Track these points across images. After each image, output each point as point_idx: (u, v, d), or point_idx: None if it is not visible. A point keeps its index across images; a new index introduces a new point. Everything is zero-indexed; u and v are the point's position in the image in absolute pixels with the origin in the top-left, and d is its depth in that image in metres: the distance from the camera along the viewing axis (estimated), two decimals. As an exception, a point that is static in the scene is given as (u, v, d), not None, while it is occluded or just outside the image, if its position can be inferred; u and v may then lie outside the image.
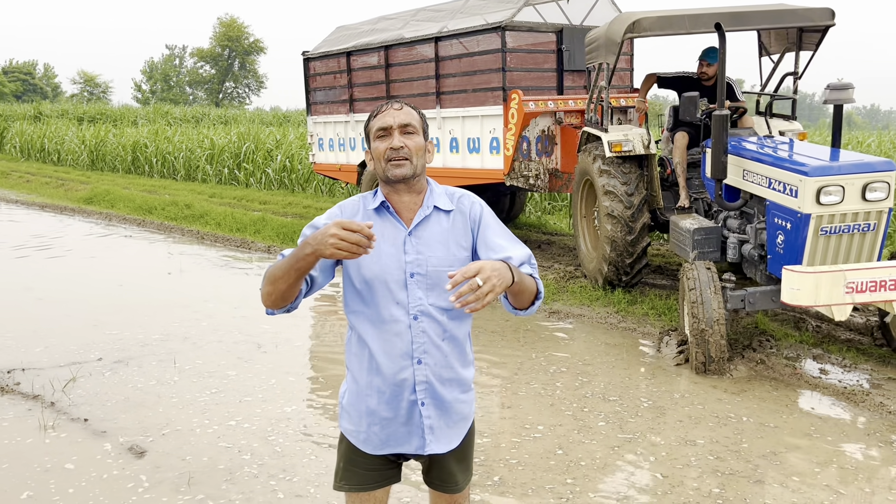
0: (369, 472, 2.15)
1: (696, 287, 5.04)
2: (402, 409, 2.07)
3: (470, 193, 2.17)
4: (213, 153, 17.88)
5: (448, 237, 2.07)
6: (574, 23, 8.73)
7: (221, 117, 34.36)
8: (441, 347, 2.07)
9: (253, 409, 4.55)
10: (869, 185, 4.69)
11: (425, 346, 2.04)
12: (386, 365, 2.05)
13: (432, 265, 2.04)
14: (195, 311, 6.81)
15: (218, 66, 66.16)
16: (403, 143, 2.02)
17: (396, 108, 2.06)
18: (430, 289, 2.05)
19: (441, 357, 2.07)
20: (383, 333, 2.05)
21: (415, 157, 2.03)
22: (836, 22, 5.98)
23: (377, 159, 2.05)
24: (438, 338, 2.06)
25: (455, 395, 2.12)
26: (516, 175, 8.20)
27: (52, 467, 3.82)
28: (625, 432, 4.17)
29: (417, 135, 2.05)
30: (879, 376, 4.94)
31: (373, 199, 2.10)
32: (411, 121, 2.05)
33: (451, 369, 2.10)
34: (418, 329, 2.04)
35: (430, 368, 2.06)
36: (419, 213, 2.07)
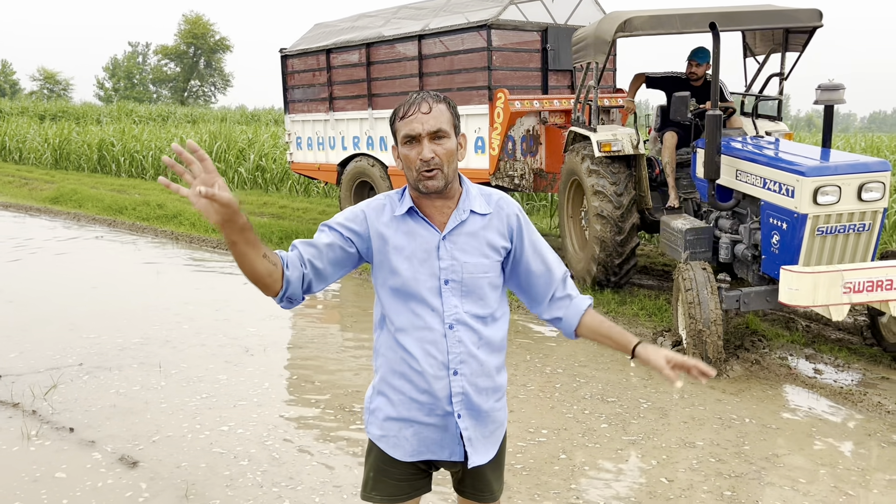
0: (401, 482, 2.05)
1: (692, 287, 5.02)
2: (436, 418, 1.98)
3: (507, 197, 2.06)
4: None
5: (483, 242, 1.98)
6: (558, 22, 8.70)
7: (188, 116, 33.81)
8: (477, 356, 1.98)
9: (248, 414, 4.40)
10: (865, 185, 4.71)
11: (462, 356, 1.95)
12: (420, 373, 1.95)
13: (468, 272, 1.95)
14: (175, 314, 6.61)
15: (183, 63, 65.11)
16: (434, 152, 1.86)
17: (424, 111, 1.87)
18: (466, 296, 1.95)
19: (478, 366, 1.98)
20: (417, 341, 1.94)
21: (446, 165, 1.88)
22: (823, 23, 6.03)
23: (407, 167, 1.91)
24: (475, 346, 1.97)
25: (491, 404, 2.03)
26: (502, 175, 8.13)
27: (41, 476, 3.64)
28: (629, 434, 4.12)
29: (449, 138, 1.89)
30: (873, 375, 4.97)
31: (399, 202, 1.97)
32: (441, 125, 1.87)
33: (488, 378, 2.01)
34: (454, 338, 1.94)
35: (467, 378, 1.96)
36: (454, 217, 1.95)
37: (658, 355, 1.91)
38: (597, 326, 2.04)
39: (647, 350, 1.94)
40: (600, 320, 2.05)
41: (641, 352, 1.95)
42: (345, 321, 6.51)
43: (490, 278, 1.99)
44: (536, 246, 2.05)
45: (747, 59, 7.06)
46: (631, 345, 1.98)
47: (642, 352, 1.94)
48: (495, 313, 2.02)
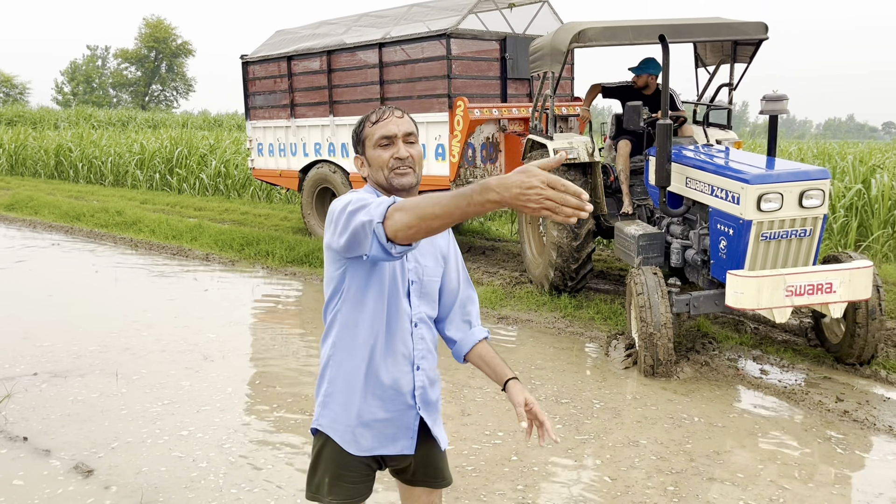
0: (357, 484, 2.10)
1: (643, 292, 5.17)
2: (396, 413, 2.08)
3: None
4: (144, 158, 17.33)
5: (436, 249, 2.16)
6: (517, 31, 8.85)
7: (149, 121, 33.35)
8: (432, 352, 2.16)
9: (211, 419, 4.42)
10: (805, 192, 4.91)
11: (423, 353, 2.10)
12: (386, 369, 2.04)
13: (427, 275, 2.11)
14: (134, 322, 6.58)
15: (144, 67, 64.20)
16: (409, 152, 2.02)
17: (398, 115, 2.04)
18: (422, 297, 2.11)
19: (432, 360, 2.16)
20: (385, 339, 2.03)
21: (417, 166, 2.05)
22: (769, 36, 6.25)
23: (379, 167, 2.02)
24: (431, 343, 2.15)
25: (437, 395, 2.19)
26: (462, 181, 8.24)
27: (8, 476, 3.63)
28: (581, 434, 4.24)
29: (417, 144, 2.08)
30: (815, 375, 5.17)
31: None
32: (413, 129, 2.06)
33: (435, 371, 2.19)
34: (418, 336, 2.09)
35: (426, 373, 2.12)
36: None
37: (519, 396, 2.06)
38: (484, 355, 2.20)
39: (514, 388, 2.10)
40: (490, 352, 2.21)
41: (510, 387, 2.11)
42: (305, 327, 6.55)
43: (439, 283, 2.17)
44: (459, 261, 2.24)
45: (698, 69, 7.28)
46: (505, 378, 2.13)
47: (510, 387, 2.11)
48: (435, 316, 2.20)
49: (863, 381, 5.04)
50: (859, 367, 5.23)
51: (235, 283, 8.21)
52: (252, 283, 8.15)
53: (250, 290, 7.84)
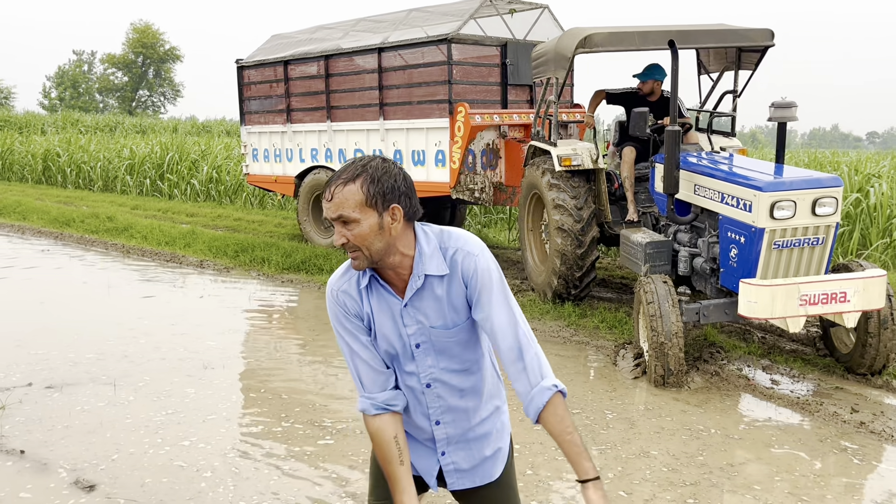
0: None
1: (654, 301, 5.09)
2: (422, 448, 2.05)
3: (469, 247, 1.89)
4: (134, 163, 17.14)
5: (444, 305, 1.89)
6: (517, 37, 8.80)
7: (137, 126, 33.07)
8: (458, 406, 2.00)
9: (217, 429, 4.30)
10: (818, 200, 4.85)
11: (441, 409, 1.99)
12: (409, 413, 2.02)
13: (436, 335, 1.92)
14: (130, 329, 6.43)
15: (131, 73, 63.75)
16: (344, 237, 1.80)
17: (327, 197, 1.79)
18: (440, 353, 1.94)
19: (461, 413, 2.01)
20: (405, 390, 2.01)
21: (364, 247, 1.80)
22: (775, 43, 6.22)
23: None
24: (456, 398, 1.99)
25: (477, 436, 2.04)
26: (462, 188, 8.16)
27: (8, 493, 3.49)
28: (598, 444, 4.15)
29: (359, 222, 1.77)
30: (827, 386, 5.10)
31: (363, 275, 1.92)
32: (343, 211, 1.77)
33: (473, 417, 2.03)
34: (433, 395, 1.97)
35: (450, 426, 2.01)
36: (411, 285, 1.88)
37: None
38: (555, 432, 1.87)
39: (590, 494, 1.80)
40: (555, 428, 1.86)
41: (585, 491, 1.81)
42: (305, 334, 6.42)
43: (459, 339, 1.93)
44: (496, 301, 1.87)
45: (702, 76, 7.24)
46: (581, 475, 1.83)
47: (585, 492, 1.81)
48: (472, 366, 1.99)
49: (875, 392, 4.98)
50: (871, 377, 5.17)
51: (231, 290, 8.07)
52: (248, 291, 8.01)
53: (247, 298, 7.70)
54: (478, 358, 2.00)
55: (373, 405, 1.94)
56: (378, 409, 1.94)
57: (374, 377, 1.94)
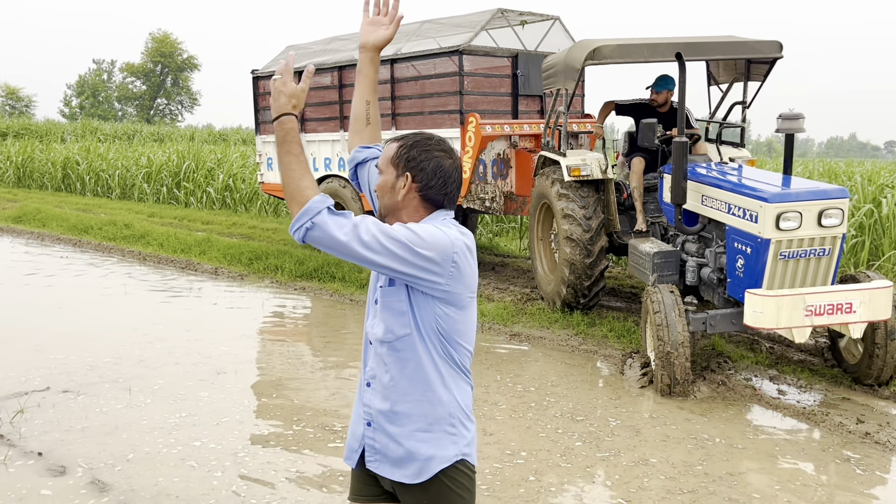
0: (356, 482, 2.16)
1: (661, 310, 5.14)
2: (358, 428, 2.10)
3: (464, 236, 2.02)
4: (151, 171, 17.37)
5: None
6: (528, 48, 8.88)
7: (155, 134, 33.45)
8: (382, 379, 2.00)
9: (230, 431, 4.40)
10: (824, 211, 4.89)
11: (371, 373, 2.05)
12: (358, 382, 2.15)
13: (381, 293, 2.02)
14: (145, 335, 6.55)
15: (150, 81, 64.50)
16: (375, 184, 2.08)
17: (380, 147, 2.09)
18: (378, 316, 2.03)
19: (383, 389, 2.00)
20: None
21: (378, 197, 2.07)
22: (783, 55, 6.26)
23: None
24: (382, 369, 2.01)
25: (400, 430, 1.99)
26: (473, 198, 8.24)
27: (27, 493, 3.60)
28: (602, 451, 4.20)
29: (383, 174, 2.04)
30: (834, 396, 5.12)
31: None
32: (380, 162, 2.07)
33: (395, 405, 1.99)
34: (370, 352, 2.06)
35: (375, 396, 2.03)
36: None
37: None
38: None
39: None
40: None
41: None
42: (317, 342, 6.52)
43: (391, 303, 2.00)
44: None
45: (711, 87, 7.29)
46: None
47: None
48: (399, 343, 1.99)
49: (882, 403, 5.00)
50: (878, 388, 5.19)
51: (245, 297, 8.19)
52: (262, 298, 8.13)
53: (260, 305, 7.82)
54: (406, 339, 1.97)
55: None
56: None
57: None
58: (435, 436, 1.99)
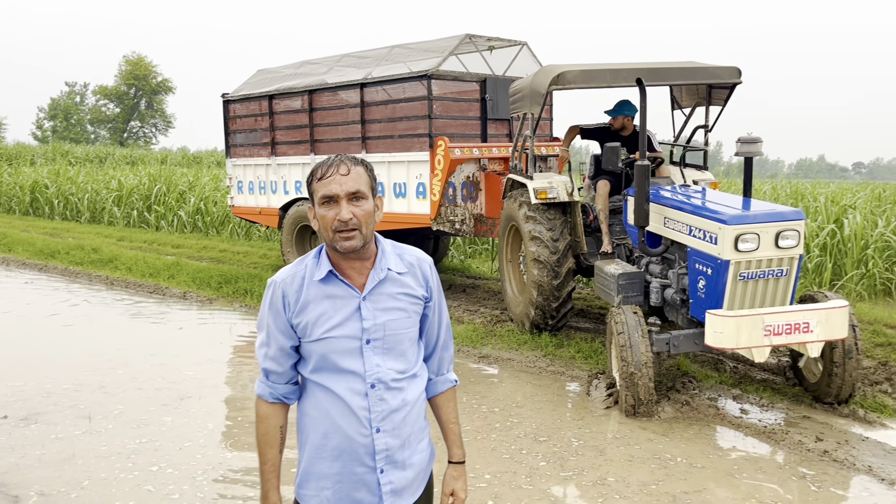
0: None
1: (624, 331, 5.18)
2: (356, 475, 1.99)
3: (420, 252, 2.13)
4: (121, 195, 17.23)
5: (404, 297, 2.03)
6: (496, 73, 9.00)
7: (127, 157, 33.21)
8: (400, 411, 2.01)
9: (193, 455, 4.34)
10: (781, 232, 4.99)
11: (384, 414, 1.98)
12: (343, 431, 1.98)
13: (391, 329, 1.99)
14: (108, 360, 6.46)
15: (123, 104, 64.10)
16: (352, 213, 1.90)
17: (343, 172, 1.90)
18: (387, 353, 2.00)
19: (401, 420, 2.01)
20: (338, 401, 1.97)
21: (364, 226, 1.92)
22: (742, 80, 6.41)
23: (324, 227, 1.93)
24: (397, 402, 2.00)
25: (412, 451, 2.06)
26: (443, 220, 8.28)
27: None
28: (566, 470, 4.20)
29: (367, 199, 1.93)
30: (795, 415, 5.19)
31: (317, 267, 1.99)
32: (360, 186, 1.91)
33: (410, 427, 2.04)
34: (376, 397, 1.97)
35: (391, 434, 1.99)
36: (373, 277, 1.99)
37: (449, 485, 2.18)
38: (442, 416, 2.23)
39: (450, 473, 2.20)
40: (447, 415, 2.23)
41: (448, 469, 2.21)
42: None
43: (410, 334, 2.05)
44: (442, 301, 2.17)
45: (675, 111, 7.43)
46: (450, 457, 2.22)
47: (448, 470, 2.21)
48: (413, 369, 2.07)
49: (841, 421, 5.07)
50: (837, 407, 5.26)
51: (213, 321, 8.12)
52: (230, 322, 8.06)
53: (228, 329, 7.75)
54: (418, 364, 2.09)
55: (272, 394, 2.06)
56: (275, 398, 2.06)
57: (281, 369, 2.04)
58: (425, 443, 2.13)
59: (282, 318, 1.99)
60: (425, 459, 2.12)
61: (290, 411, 2.11)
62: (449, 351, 2.22)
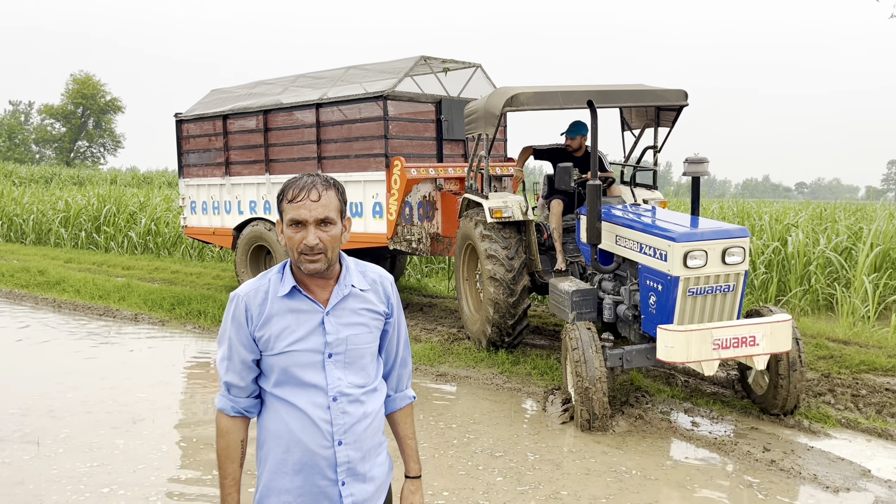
0: None
1: (578, 347, 5.28)
2: (318, 488, 2.01)
3: (382, 270, 2.19)
4: (69, 216, 16.83)
5: (366, 313, 2.08)
6: (452, 94, 9.12)
7: (74, 177, 32.48)
8: (361, 423, 2.05)
9: (147, 477, 4.25)
10: (727, 249, 5.16)
11: (346, 426, 2.01)
12: (304, 445, 1.99)
13: (353, 343, 2.03)
14: (57, 384, 6.30)
15: (70, 123, 62.68)
16: (319, 238, 1.93)
17: (314, 198, 1.93)
18: (348, 367, 2.03)
19: (362, 432, 2.05)
20: (300, 415, 1.99)
21: (330, 250, 1.96)
22: (689, 102, 6.63)
23: (290, 248, 1.97)
24: (358, 415, 2.04)
25: (372, 464, 2.09)
26: (399, 239, 8.32)
27: None
28: (522, 485, 4.25)
29: (335, 225, 1.96)
30: (743, 426, 5.34)
31: (280, 283, 2.02)
32: (329, 213, 1.94)
33: (370, 440, 2.08)
34: (338, 410, 2.00)
35: (352, 446, 2.02)
36: (336, 292, 2.03)
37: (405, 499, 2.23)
38: (399, 432, 2.27)
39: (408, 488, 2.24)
40: (405, 431, 2.27)
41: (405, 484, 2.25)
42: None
43: (371, 349, 2.10)
44: (401, 318, 2.21)
45: (625, 132, 7.64)
46: (407, 472, 2.27)
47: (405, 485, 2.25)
48: (373, 383, 2.11)
49: (787, 431, 5.24)
50: (783, 418, 5.44)
51: (165, 343, 7.98)
52: (183, 343, 7.94)
53: (181, 351, 7.63)
54: (377, 379, 2.13)
55: (233, 407, 2.06)
56: (237, 412, 2.06)
57: (242, 383, 2.05)
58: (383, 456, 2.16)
59: (244, 331, 2.01)
60: (384, 473, 2.15)
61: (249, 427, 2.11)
62: (408, 368, 2.27)
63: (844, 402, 5.78)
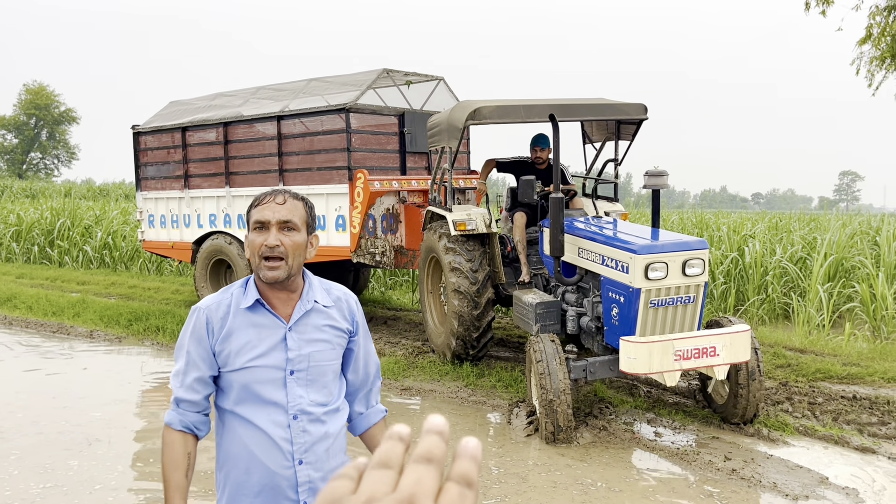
0: None
1: (542, 359, 5.29)
2: None
3: (346, 289, 2.18)
4: (21, 229, 16.38)
5: (329, 329, 2.06)
6: (415, 107, 9.13)
7: (27, 190, 31.66)
8: (322, 443, 2.01)
9: (105, 497, 4.12)
10: (688, 261, 5.23)
11: (306, 446, 1.98)
12: (264, 465, 1.96)
13: (315, 360, 2.01)
14: (6, 404, 6.10)
15: (22, 135, 61.16)
16: (279, 241, 1.92)
17: (279, 201, 1.95)
18: (310, 384, 2.01)
19: (323, 452, 2.02)
20: (260, 434, 1.96)
21: (291, 256, 1.94)
22: (648, 116, 6.74)
23: (252, 252, 1.95)
24: (319, 435, 2.01)
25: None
26: (363, 252, 8.26)
27: None
28: (488, 498, 4.23)
29: (299, 232, 1.96)
30: (705, 436, 5.40)
31: (244, 296, 2.00)
32: (292, 217, 1.95)
33: (332, 461, 2.05)
34: (298, 428, 1.97)
35: (313, 466, 1.99)
36: (299, 308, 2.01)
37: None
38: (373, 447, 2.20)
39: None
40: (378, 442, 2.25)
41: None
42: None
43: (334, 367, 2.07)
44: (367, 335, 2.20)
45: (586, 145, 7.72)
46: None
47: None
48: (335, 402, 2.08)
49: (747, 440, 5.31)
50: (743, 427, 5.51)
51: (122, 360, 7.79)
52: (140, 361, 7.75)
53: (139, 368, 7.45)
54: (340, 398, 2.10)
55: (181, 422, 2.02)
56: (184, 427, 2.02)
57: (195, 398, 2.02)
58: None
59: (204, 344, 1.98)
60: None
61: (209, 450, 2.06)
62: (378, 384, 2.26)
63: (802, 409, 5.89)
